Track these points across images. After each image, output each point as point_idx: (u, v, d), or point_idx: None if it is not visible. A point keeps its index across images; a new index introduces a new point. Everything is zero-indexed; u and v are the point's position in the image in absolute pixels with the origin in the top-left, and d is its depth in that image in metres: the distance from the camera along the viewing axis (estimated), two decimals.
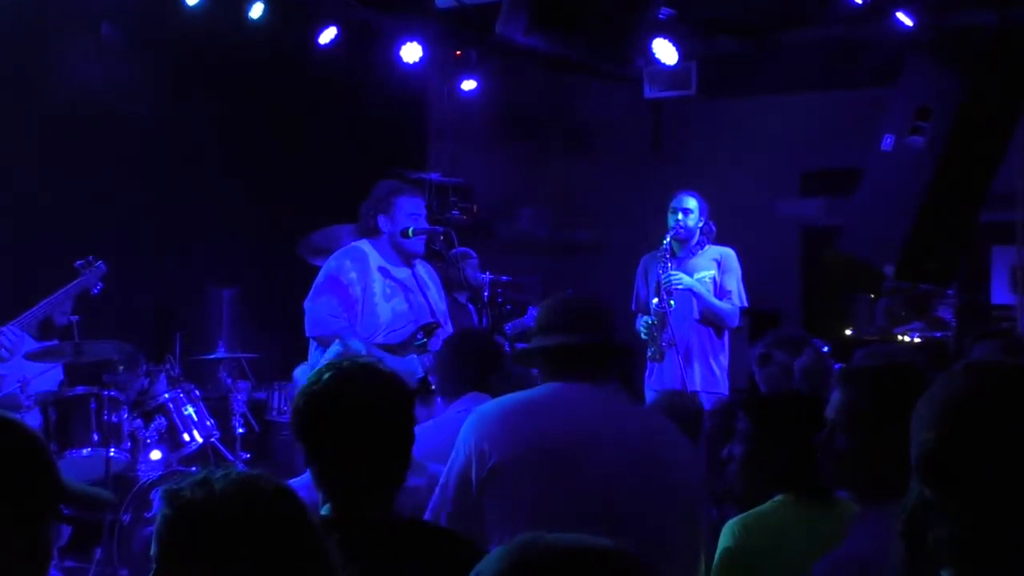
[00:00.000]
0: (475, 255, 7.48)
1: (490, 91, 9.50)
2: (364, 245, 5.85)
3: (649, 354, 6.90)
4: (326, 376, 2.57)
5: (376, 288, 5.69)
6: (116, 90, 7.84)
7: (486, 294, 6.77)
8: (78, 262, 6.28)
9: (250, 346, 7.52)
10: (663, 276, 6.82)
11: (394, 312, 5.69)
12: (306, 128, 9.15)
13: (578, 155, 11.08)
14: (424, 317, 5.80)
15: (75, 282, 6.23)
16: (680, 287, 6.80)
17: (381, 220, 5.75)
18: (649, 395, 6.99)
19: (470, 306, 7.19)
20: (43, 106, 7.64)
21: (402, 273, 5.82)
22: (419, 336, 5.72)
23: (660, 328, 6.78)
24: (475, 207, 9.71)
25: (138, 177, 8.19)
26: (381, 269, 5.77)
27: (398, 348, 5.64)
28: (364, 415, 2.52)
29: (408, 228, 5.92)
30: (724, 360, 6.99)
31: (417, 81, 9.44)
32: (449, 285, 7.30)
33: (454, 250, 6.28)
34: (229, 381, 7.26)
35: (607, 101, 10.14)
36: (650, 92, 9.03)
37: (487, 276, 7.03)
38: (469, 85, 9.36)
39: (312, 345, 5.90)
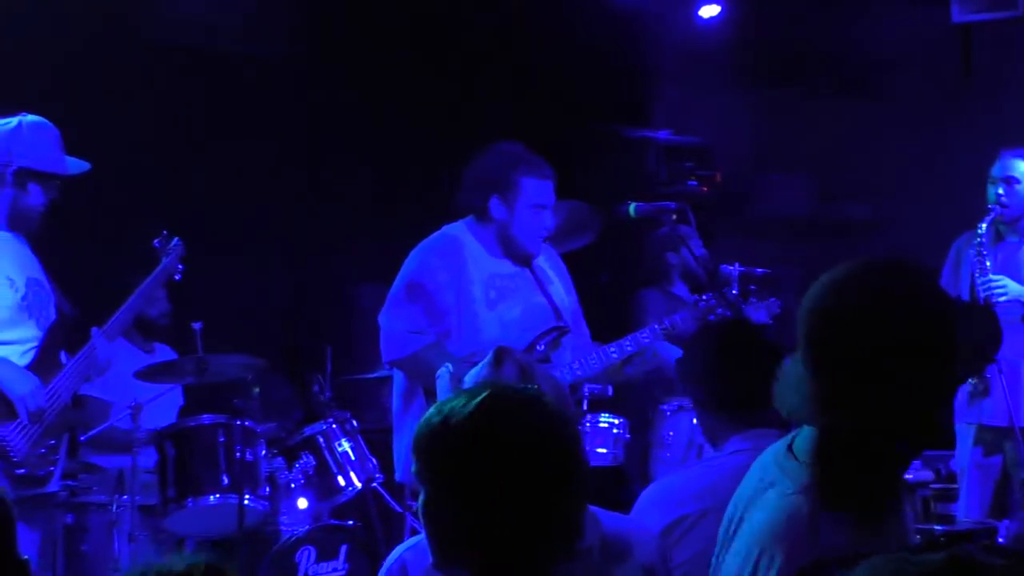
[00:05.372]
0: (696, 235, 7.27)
1: (738, 18, 9.52)
2: (460, 232, 5.82)
3: (971, 388, 6.78)
4: (475, 403, 2.56)
5: (476, 292, 5.69)
6: (237, 24, 8.25)
7: (734, 291, 6.74)
8: (156, 240, 6.10)
9: None
10: (979, 281, 6.71)
11: (502, 322, 5.69)
12: (482, 71, 9.27)
13: (855, 102, 10.92)
14: (545, 322, 5.79)
15: (161, 266, 6.00)
16: (1004, 299, 6.67)
17: (495, 204, 5.74)
18: (961, 431, 6.92)
19: (701, 302, 6.56)
20: (130, 44, 7.92)
21: (510, 268, 5.82)
22: (539, 347, 5.73)
23: None
24: (718, 175, 9.73)
25: (260, 137, 8.43)
26: (482, 264, 5.75)
27: None
28: (531, 458, 2.53)
29: (630, 205, 5.99)
30: None
31: (636, 5, 9.54)
32: (658, 273, 7.29)
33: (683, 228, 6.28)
34: None
35: (898, 27, 10.02)
36: (960, 14, 8.94)
37: (735, 269, 7.04)
38: (710, 11, 9.43)
39: (397, 377, 5.80)
